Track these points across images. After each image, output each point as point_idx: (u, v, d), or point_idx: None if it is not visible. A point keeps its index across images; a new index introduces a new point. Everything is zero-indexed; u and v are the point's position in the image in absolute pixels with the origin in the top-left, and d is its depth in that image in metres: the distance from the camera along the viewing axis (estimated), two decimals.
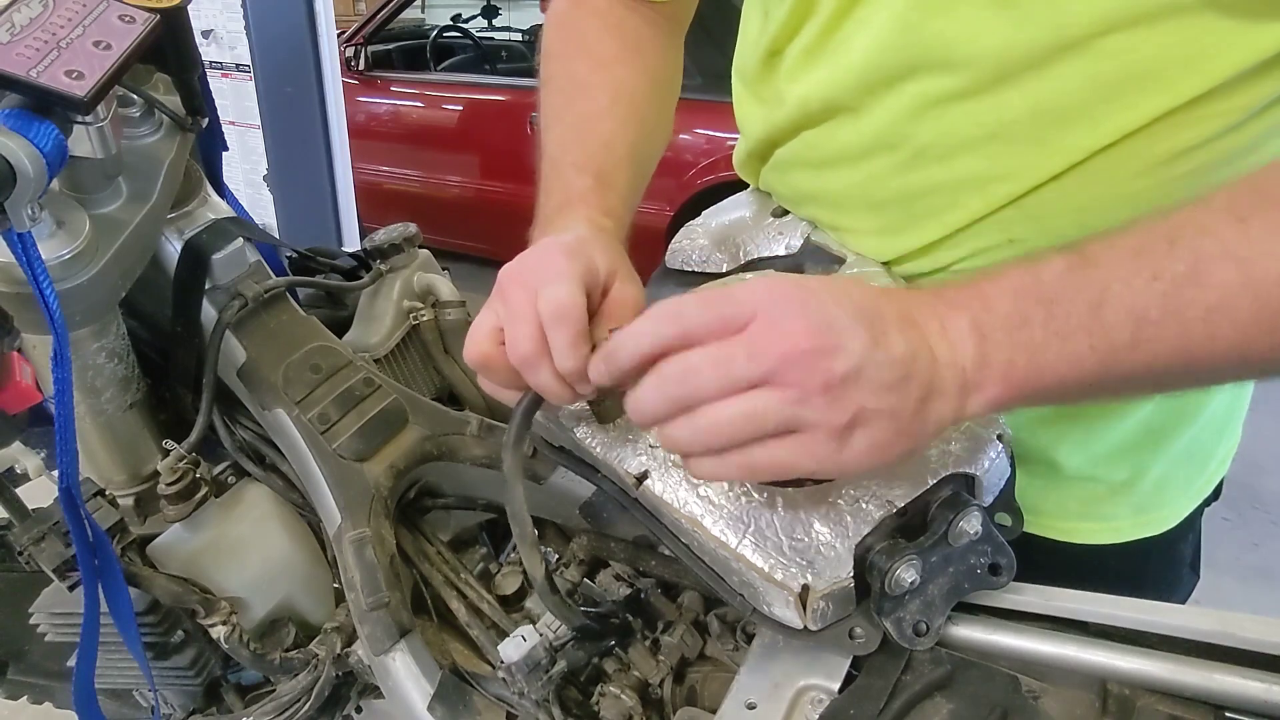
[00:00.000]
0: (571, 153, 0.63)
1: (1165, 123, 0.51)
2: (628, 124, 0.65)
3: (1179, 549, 0.74)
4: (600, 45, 0.69)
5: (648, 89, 0.69)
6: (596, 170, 0.62)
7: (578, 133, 0.64)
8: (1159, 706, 0.45)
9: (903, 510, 0.51)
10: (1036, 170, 0.55)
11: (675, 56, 0.75)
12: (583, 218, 0.58)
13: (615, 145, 0.64)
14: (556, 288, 0.49)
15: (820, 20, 0.60)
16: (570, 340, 0.48)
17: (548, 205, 0.61)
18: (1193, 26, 0.48)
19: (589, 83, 0.67)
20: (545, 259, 0.51)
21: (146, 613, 0.72)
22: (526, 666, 0.58)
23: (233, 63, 2.36)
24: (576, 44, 0.70)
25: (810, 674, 0.51)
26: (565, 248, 0.52)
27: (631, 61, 0.69)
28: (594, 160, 0.62)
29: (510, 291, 0.51)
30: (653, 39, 0.72)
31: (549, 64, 0.70)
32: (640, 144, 0.66)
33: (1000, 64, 0.52)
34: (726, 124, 0.74)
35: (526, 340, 0.49)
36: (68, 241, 0.59)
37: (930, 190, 0.59)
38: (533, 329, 0.49)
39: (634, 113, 0.66)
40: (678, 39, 0.76)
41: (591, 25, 0.71)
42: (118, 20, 0.57)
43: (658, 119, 0.70)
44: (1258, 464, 2.52)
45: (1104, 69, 0.50)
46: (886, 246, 0.63)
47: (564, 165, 0.63)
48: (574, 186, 0.61)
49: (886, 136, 0.59)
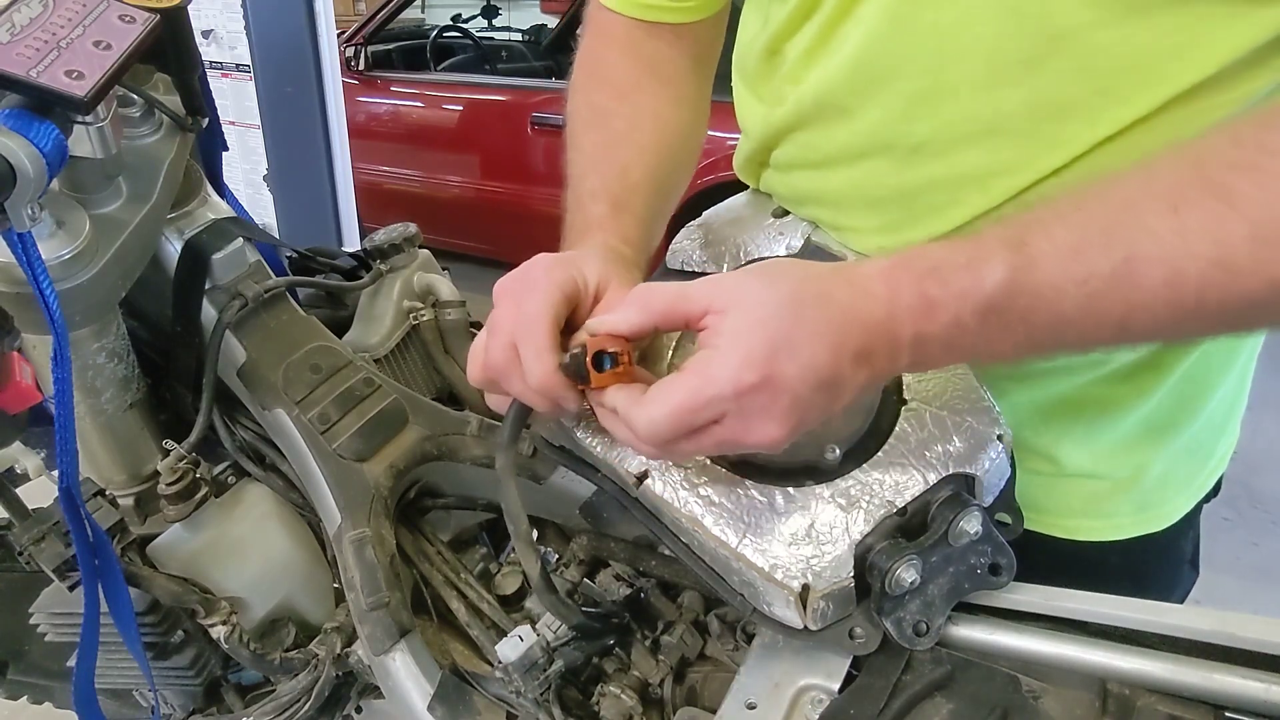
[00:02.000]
0: (589, 181, 0.64)
1: (1163, 115, 0.51)
2: (645, 150, 0.66)
3: (1180, 545, 0.74)
4: (618, 73, 0.70)
5: (668, 113, 0.69)
6: (612, 197, 0.62)
7: (594, 161, 0.65)
8: (1159, 706, 0.45)
9: (903, 510, 0.51)
10: (1037, 164, 0.55)
11: (701, 79, 0.74)
12: (598, 243, 0.59)
13: (631, 171, 0.64)
14: (527, 300, 0.50)
15: (820, 20, 0.60)
16: (534, 352, 0.49)
17: (569, 236, 0.63)
18: (1185, 15, 0.48)
19: (607, 111, 0.68)
20: (528, 273, 0.52)
21: (146, 613, 0.72)
22: (524, 666, 0.58)
23: (233, 63, 2.36)
24: (597, 75, 0.71)
25: (810, 674, 0.51)
26: (552, 261, 0.53)
27: (649, 87, 0.69)
28: (610, 187, 0.63)
29: (497, 306, 0.52)
30: (673, 61, 0.71)
31: (573, 98, 0.71)
32: (660, 169, 0.66)
33: (992, 56, 0.52)
34: (726, 124, 0.74)
35: (496, 351, 0.50)
36: (68, 241, 0.59)
37: (930, 187, 0.59)
38: (505, 341, 0.50)
39: (652, 138, 0.67)
40: (701, 64, 0.74)
41: (610, 54, 0.71)
42: (118, 20, 0.57)
43: (682, 143, 0.70)
44: (1257, 463, 2.52)
45: (1098, 61, 0.50)
46: (887, 244, 0.63)
47: (582, 194, 0.64)
48: (590, 215, 0.62)
49: (882, 134, 0.59)
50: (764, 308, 0.44)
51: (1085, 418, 0.65)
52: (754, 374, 0.43)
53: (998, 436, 0.54)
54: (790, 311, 0.44)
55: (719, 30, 0.75)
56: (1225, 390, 0.69)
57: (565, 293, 0.51)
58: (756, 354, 0.43)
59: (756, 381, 0.43)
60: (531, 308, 0.49)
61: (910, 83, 0.56)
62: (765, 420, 0.44)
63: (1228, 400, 0.71)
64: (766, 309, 0.44)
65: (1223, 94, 0.50)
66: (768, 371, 0.43)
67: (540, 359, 0.48)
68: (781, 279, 0.46)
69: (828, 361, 0.44)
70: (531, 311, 0.49)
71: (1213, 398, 0.68)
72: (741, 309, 0.45)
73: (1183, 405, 0.66)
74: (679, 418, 0.44)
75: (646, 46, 0.70)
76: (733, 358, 0.43)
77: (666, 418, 0.45)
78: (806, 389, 0.44)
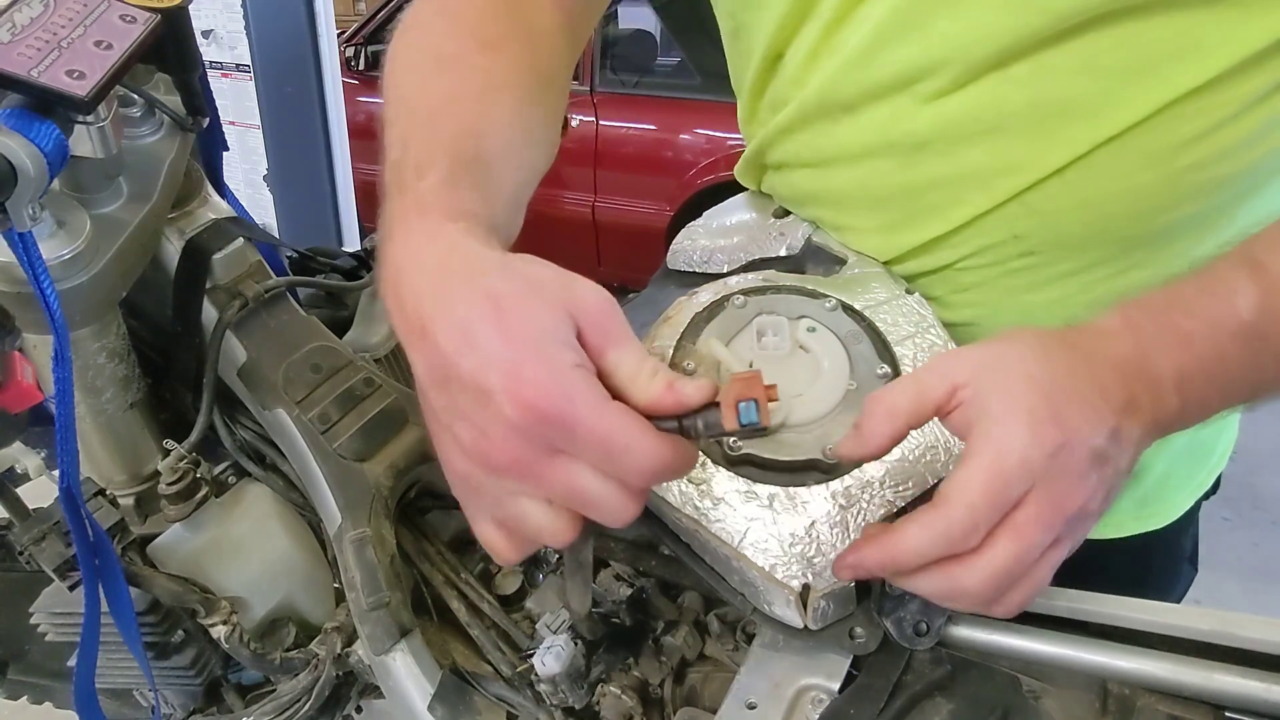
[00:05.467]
0: (424, 138, 0.48)
1: (1165, 115, 0.51)
2: (502, 118, 0.51)
3: (1180, 543, 0.75)
4: (482, 19, 0.55)
5: (535, 86, 0.55)
6: (465, 163, 0.47)
7: (430, 120, 0.50)
8: (1159, 706, 0.45)
9: (904, 510, 0.51)
10: (1040, 163, 0.55)
11: (570, 58, 0.61)
12: (462, 223, 0.42)
13: (485, 136, 0.49)
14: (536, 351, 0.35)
15: (821, 21, 0.60)
16: (607, 420, 0.35)
17: (398, 200, 0.45)
18: (1187, 18, 0.48)
19: (460, 63, 0.53)
20: (508, 311, 0.37)
21: (146, 613, 0.71)
22: (571, 675, 0.57)
23: (233, 63, 2.36)
24: (450, 14, 0.56)
25: (810, 674, 0.51)
26: (551, 274, 0.39)
27: (518, 50, 0.55)
28: (461, 150, 0.47)
29: (457, 377, 0.37)
30: (551, 33, 0.58)
31: (405, 35, 0.56)
32: (515, 146, 0.52)
33: (997, 55, 0.53)
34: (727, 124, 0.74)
35: (514, 443, 0.36)
36: (68, 241, 0.59)
37: (933, 185, 0.59)
38: (520, 421, 0.35)
39: (514, 108, 0.52)
40: (577, 41, 0.62)
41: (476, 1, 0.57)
42: (118, 20, 0.57)
43: (544, 126, 0.55)
44: (1257, 463, 2.52)
45: (1100, 60, 0.51)
46: (889, 244, 0.63)
47: (418, 156, 0.46)
48: (436, 181, 0.45)
49: (886, 132, 0.59)
50: (1021, 362, 0.39)
51: None
52: (1049, 428, 0.38)
53: None
54: (1045, 361, 0.40)
55: (598, 9, 0.65)
56: None
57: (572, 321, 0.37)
58: (1040, 409, 0.38)
59: (1056, 435, 0.38)
60: (554, 361, 0.35)
61: (916, 83, 0.56)
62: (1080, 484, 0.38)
63: None
64: (1024, 363, 0.39)
65: (1224, 94, 0.50)
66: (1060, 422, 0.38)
67: (633, 429, 0.35)
68: (1014, 338, 0.42)
69: (1105, 407, 0.39)
70: (557, 362, 0.35)
71: None
72: (994, 371, 0.40)
73: None
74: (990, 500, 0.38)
75: (525, 4, 0.58)
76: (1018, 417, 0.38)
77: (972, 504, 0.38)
78: (1102, 439, 0.39)
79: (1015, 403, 0.38)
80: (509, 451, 0.35)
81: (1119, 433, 0.39)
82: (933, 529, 0.39)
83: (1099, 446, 0.39)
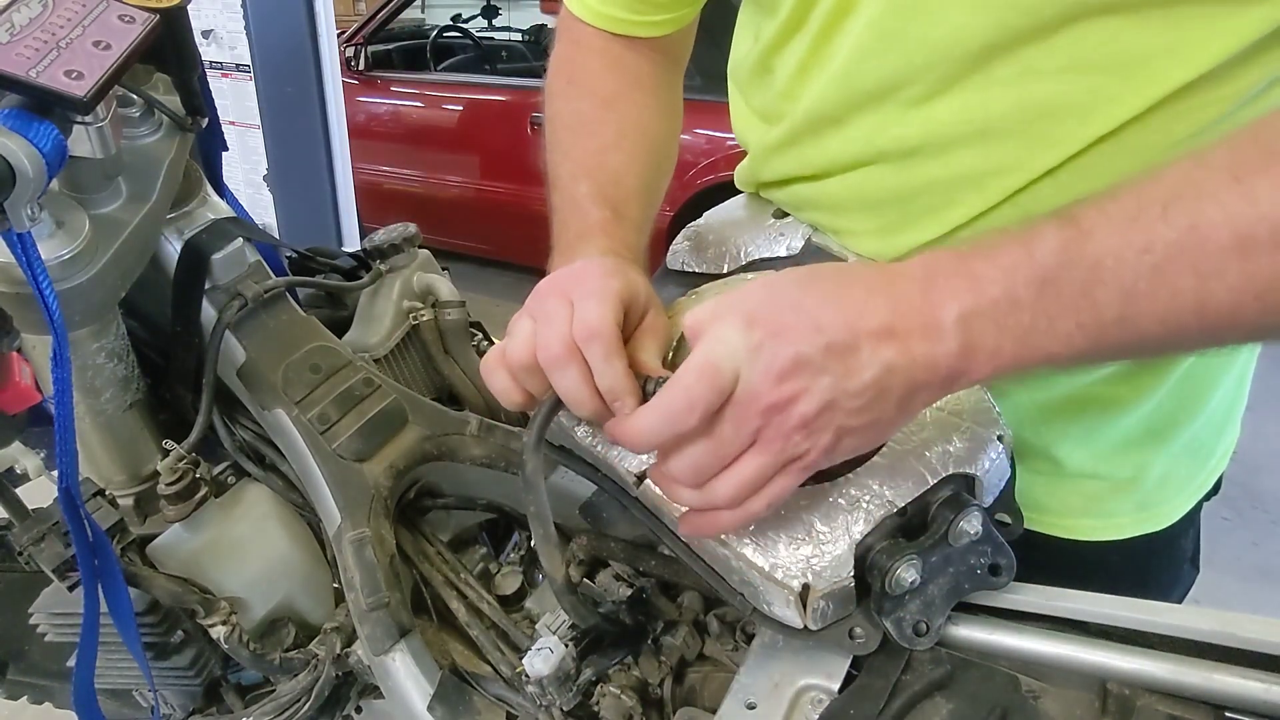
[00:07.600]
0: (584, 185, 0.65)
1: (1156, 114, 0.51)
2: (635, 158, 0.67)
3: (1180, 544, 0.74)
4: (600, 82, 0.71)
5: (651, 123, 0.70)
6: (611, 204, 0.63)
7: (587, 168, 0.66)
8: (1159, 706, 0.45)
9: (903, 510, 0.51)
10: (1032, 164, 0.55)
11: (675, 90, 0.76)
12: (604, 248, 0.59)
13: (625, 179, 0.66)
14: (591, 302, 0.49)
15: (809, 35, 0.61)
16: (603, 354, 0.48)
17: (566, 235, 0.63)
18: (1175, 14, 0.48)
19: (594, 119, 0.69)
20: (584, 273, 0.52)
21: (146, 613, 0.71)
22: (559, 678, 0.57)
23: (233, 63, 2.36)
24: (578, 83, 0.72)
25: (810, 674, 0.51)
26: (604, 267, 0.53)
27: (632, 96, 0.71)
28: (606, 194, 0.64)
29: (546, 299, 0.51)
30: (652, 74, 0.73)
31: (553, 103, 0.72)
32: (648, 176, 0.68)
33: (981, 61, 0.52)
34: (727, 124, 0.74)
35: (557, 343, 0.49)
36: (67, 241, 0.59)
37: (926, 189, 0.59)
38: (564, 333, 0.49)
39: (640, 146, 0.68)
40: (676, 74, 0.77)
41: (590, 63, 0.72)
42: (117, 20, 0.57)
43: (664, 151, 0.71)
44: (1257, 463, 2.52)
45: (1086, 58, 0.50)
46: (886, 246, 0.63)
47: (579, 198, 0.64)
48: (591, 218, 0.63)
49: (875, 141, 0.59)
50: (768, 283, 0.44)
51: (1086, 418, 0.65)
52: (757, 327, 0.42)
53: (998, 437, 0.54)
54: (796, 283, 0.44)
55: (689, 38, 0.77)
56: (1225, 389, 0.69)
57: (624, 301, 0.51)
58: (758, 311, 0.43)
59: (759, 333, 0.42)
60: (595, 310, 0.49)
61: (900, 90, 0.56)
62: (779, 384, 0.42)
63: (1228, 399, 0.71)
64: (770, 282, 0.44)
65: (1214, 91, 0.50)
66: (768, 323, 0.42)
67: (610, 361, 0.48)
68: (798, 271, 0.46)
69: (837, 323, 0.42)
70: (597, 313, 0.49)
71: (1213, 397, 0.68)
72: (741, 292, 0.44)
73: (1183, 405, 0.66)
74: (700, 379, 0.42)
75: (626, 58, 0.72)
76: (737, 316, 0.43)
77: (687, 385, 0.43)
78: (814, 349, 0.41)
79: (741, 307, 0.43)
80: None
81: (848, 350, 0.42)
82: (655, 408, 0.45)
83: (804, 353, 0.41)
